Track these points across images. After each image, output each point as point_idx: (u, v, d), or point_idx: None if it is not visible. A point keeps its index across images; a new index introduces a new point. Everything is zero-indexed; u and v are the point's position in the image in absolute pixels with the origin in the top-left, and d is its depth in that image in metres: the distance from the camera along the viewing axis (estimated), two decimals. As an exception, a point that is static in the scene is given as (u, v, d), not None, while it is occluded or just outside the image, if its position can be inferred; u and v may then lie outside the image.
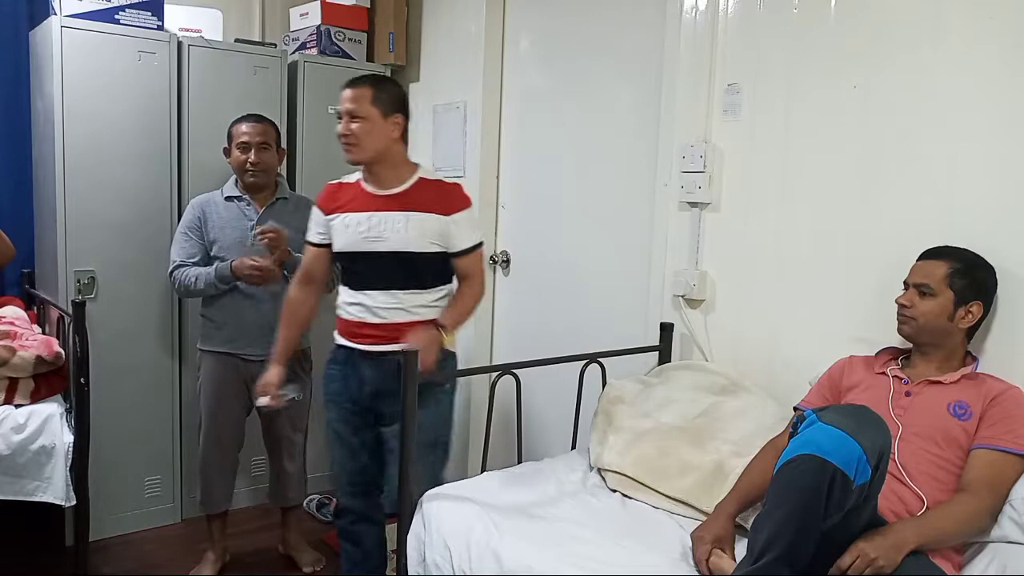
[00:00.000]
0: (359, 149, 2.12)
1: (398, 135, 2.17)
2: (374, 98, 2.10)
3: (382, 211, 2.15)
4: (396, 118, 2.15)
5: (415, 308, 2.17)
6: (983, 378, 1.76)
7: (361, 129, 2.10)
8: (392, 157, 2.17)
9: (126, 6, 2.85)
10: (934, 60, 1.97)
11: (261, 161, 2.64)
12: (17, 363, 2.39)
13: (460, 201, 2.19)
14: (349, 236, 2.17)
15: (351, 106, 2.11)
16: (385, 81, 2.26)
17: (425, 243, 2.14)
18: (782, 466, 1.47)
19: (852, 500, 1.40)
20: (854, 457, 1.38)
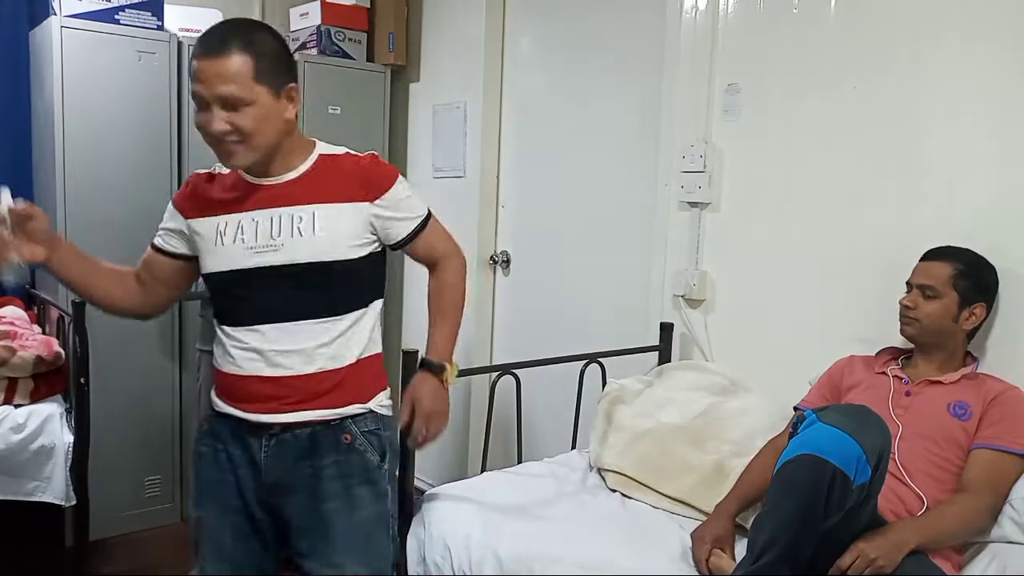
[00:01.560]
0: (248, 149, 1.45)
1: (295, 112, 1.50)
2: (257, 70, 1.41)
3: (273, 207, 1.50)
4: (290, 90, 1.48)
5: (324, 348, 1.50)
6: (983, 378, 1.76)
7: (249, 120, 1.41)
8: (289, 143, 1.52)
9: (126, 6, 2.85)
10: (934, 60, 1.97)
11: None
12: (17, 363, 2.39)
13: (384, 174, 1.56)
14: (227, 251, 1.51)
15: (225, 89, 1.39)
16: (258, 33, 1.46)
17: (344, 246, 1.50)
18: (782, 466, 1.47)
19: (852, 500, 1.41)
20: (853, 457, 1.38)
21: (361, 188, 1.53)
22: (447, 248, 1.67)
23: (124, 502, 3.01)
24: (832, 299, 2.17)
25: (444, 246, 1.66)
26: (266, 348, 1.49)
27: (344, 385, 1.52)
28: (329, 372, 1.50)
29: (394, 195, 1.55)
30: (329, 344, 1.51)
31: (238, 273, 1.51)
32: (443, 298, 1.66)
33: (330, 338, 1.51)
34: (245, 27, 1.47)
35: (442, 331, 1.63)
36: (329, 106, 3.35)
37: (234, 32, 1.43)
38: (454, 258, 1.68)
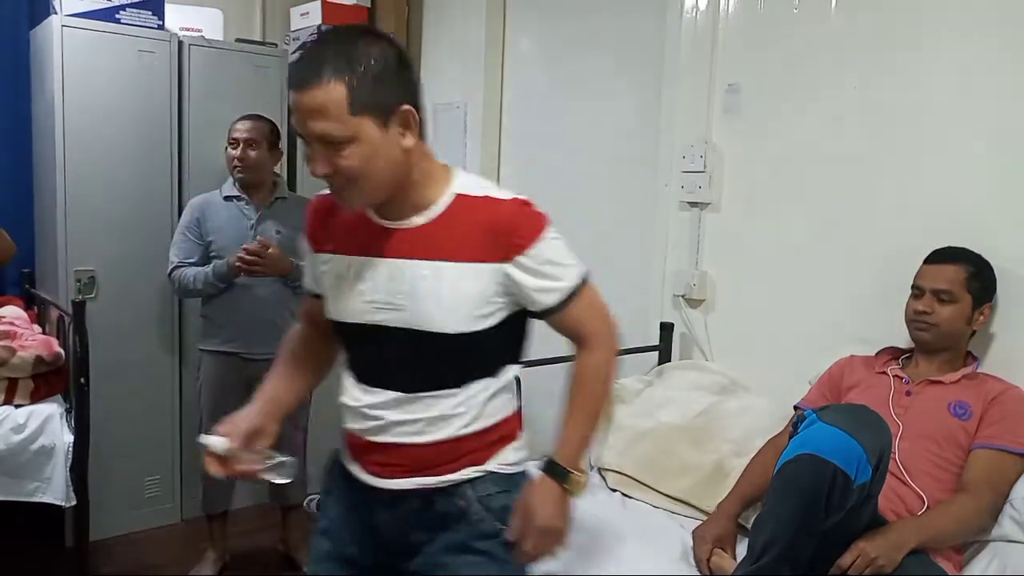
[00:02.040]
0: (359, 194, 1.22)
1: (412, 141, 1.21)
2: (353, 99, 1.14)
3: (398, 257, 1.26)
4: (403, 114, 1.19)
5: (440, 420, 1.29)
6: (983, 378, 1.77)
7: (353, 160, 1.17)
8: (416, 177, 1.25)
9: (127, 5, 2.85)
10: (934, 60, 1.97)
11: (247, 158, 2.62)
12: (17, 363, 2.39)
13: (527, 228, 1.25)
14: (347, 300, 1.31)
15: (318, 126, 1.15)
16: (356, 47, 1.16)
17: (469, 317, 1.25)
18: (782, 466, 1.47)
19: (852, 499, 1.41)
20: (854, 457, 1.38)
21: (496, 245, 1.23)
22: (597, 328, 1.32)
23: (124, 502, 3.01)
24: (832, 299, 2.17)
25: (594, 325, 1.31)
26: (378, 413, 1.31)
27: (460, 452, 1.30)
28: (444, 442, 1.29)
29: (537, 255, 1.24)
30: (447, 417, 1.28)
31: (356, 327, 1.30)
32: (582, 390, 1.32)
33: (449, 410, 1.28)
34: (339, 42, 1.17)
35: (574, 430, 1.32)
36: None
37: (326, 51, 1.15)
38: (604, 342, 1.32)
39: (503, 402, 1.33)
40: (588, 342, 1.32)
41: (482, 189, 1.28)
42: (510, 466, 1.34)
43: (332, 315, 1.34)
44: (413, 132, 1.20)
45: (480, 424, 1.30)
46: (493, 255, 1.24)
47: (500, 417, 1.33)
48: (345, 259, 1.31)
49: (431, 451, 1.29)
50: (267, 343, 2.66)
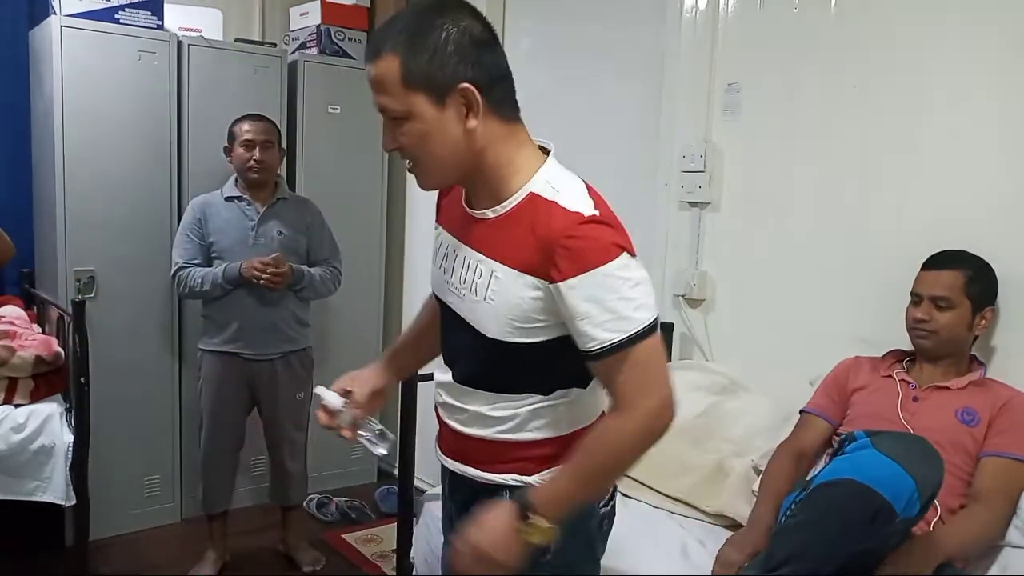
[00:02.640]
0: (422, 171, 1.20)
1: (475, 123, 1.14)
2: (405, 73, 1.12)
3: (469, 245, 1.24)
4: (461, 89, 1.12)
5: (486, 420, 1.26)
6: (991, 384, 1.77)
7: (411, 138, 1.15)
8: (482, 162, 1.18)
9: (126, 5, 2.85)
10: (934, 60, 1.97)
11: (266, 160, 2.63)
12: (17, 363, 2.39)
13: (579, 252, 1.10)
14: (436, 273, 1.33)
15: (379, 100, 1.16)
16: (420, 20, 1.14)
17: (510, 326, 1.18)
18: (826, 484, 1.43)
19: (891, 530, 1.39)
20: (906, 492, 1.34)
21: (544, 260, 1.12)
22: (635, 399, 1.13)
23: (124, 502, 3.01)
24: (832, 299, 2.17)
25: (633, 394, 1.12)
26: (439, 390, 1.33)
27: (505, 456, 1.26)
28: (483, 440, 1.26)
29: (582, 289, 1.09)
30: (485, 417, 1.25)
31: (440, 301, 1.32)
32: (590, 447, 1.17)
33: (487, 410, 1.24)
34: (413, 15, 1.14)
35: (564, 479, 1.18)
36: (329, 106, 3.35)
37: (395, 24, 1.14)
38: (637, 416, 1.13)
39: (554, 421, 1.24)
40: (621, 407, 1.15)
41: (555, 192, 1.17)
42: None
43: (432, 286, 1.35)
44: (476, 112, 1.13)
45: (523, 435, 1.23)
46: (541, 270, 1.13)
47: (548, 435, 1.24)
48: (443, 235, 1.31)
49: (473, 444, 1.28)
50: (268, 344, 2.68)
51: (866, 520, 1.35)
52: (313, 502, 3.27)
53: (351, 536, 3.09)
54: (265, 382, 2.70)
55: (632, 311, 1.10)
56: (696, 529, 1.88)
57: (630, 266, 1.12)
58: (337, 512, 3.25)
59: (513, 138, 1.20)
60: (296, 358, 2.75)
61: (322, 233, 2.80)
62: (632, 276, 1.11)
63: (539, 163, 1.22)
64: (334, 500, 3.29)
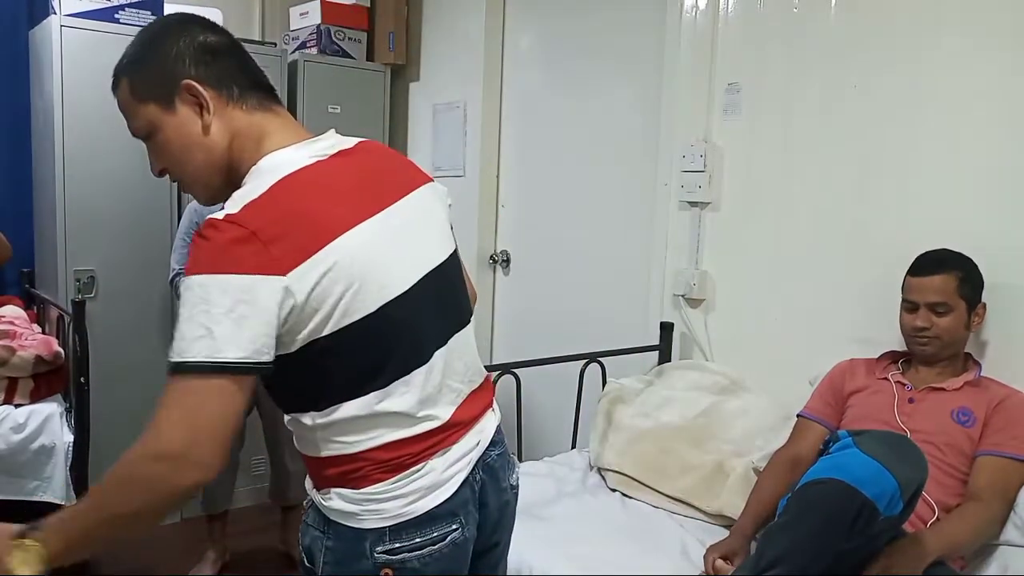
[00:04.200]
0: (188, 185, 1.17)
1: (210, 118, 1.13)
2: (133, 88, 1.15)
3: None
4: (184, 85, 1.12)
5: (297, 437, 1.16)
6: (986, 383, 1.77)
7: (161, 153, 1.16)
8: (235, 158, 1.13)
9: (126, 5, 2.85)
10: (934, 60, 1.97)
11: None
12: (17, 363, 2.39)
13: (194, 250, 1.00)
14: None
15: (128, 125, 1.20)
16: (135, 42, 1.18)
17: None
18: (810, 483, 1.44)
19: (875, 530, 1.39)
20: (888, 491, 1.35)
21: None
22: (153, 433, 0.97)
23: (124, 502, 3.01)
24: (832, 299, 2.17)
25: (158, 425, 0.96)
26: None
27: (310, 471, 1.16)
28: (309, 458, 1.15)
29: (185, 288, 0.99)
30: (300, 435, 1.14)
31: None
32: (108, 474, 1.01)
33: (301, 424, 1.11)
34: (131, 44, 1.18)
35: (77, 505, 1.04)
36: (329, 105, 3.35)
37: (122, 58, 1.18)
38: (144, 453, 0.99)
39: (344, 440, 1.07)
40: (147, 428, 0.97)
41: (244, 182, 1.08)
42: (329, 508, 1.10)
43: None
44: (207, 105, 1.10)
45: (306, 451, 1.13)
46: None
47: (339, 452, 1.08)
48: None
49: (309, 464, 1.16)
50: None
51: (849, 519, 1.36)
52: (313, 502, 3.27)
53: (351, 536, 3.08)
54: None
55: (190, 333, 0.94)
56: (696, 529, 1.89)
57: (228, 289, 0.94)
58: (337, 512, 3.25)
59: (257, 128, 1.13)
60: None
61: None
62: (220, 301, 0.93)
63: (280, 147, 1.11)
64: (334, 500, 3.28)
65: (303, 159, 1.09)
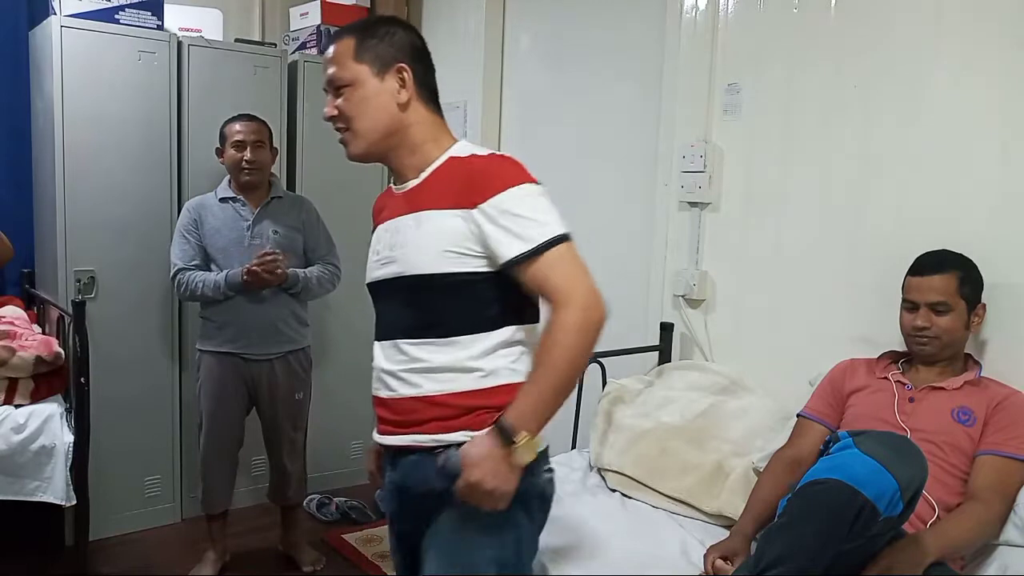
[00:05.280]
0: (354, 133, 1.40)
1: (406, 97, 1.37)
2: (357, 47, 1.37)
3: (397, 215, 1.41)
4: (398, 66, 1.37)
5: (432, 373, 1.34)
6: (986, 383, 1.77)
7: (348, 102, 1.38)
8: (406, 137, 1.39)
9: (126, 6, 2.85)
10: (934, 60, 1.97)
11: (257, 159, 2.63)
12: (17, 363, 2.39)
13: (493, 176, 1.31)
14: (369, 264, 1.50)
15: (329, 72, 1.40)
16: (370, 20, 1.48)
17: (440, 256, 1.32)
18: (809, 484, 1.44)
19: (875, 530, 1.38)
20: (888, 491, 1.35)
21: (466, 194, 1.31)
22: (564, 286, 1.26)
23: (124, 502, 3.01)
24: (832, 299, 2.17)
25: (561, 283, 1.26)
26: (379, 366, 1.42)
27: (450, 412, 1.32)
28: (432, 397, 1.33)
29: (500, 205, 1.28)
30: (434, 370, 1.33)
31: (370, 286, 1.48)
32: (542, 351, 1.27)
33: (435, 362, 1.33)
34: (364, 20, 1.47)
35: (528, 391, 1.27)
36: (329, 106, 3.35)
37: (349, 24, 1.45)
38: (572, 302, 1.25)
39: (505, 365, 1.34)
40: (555, 301, 1.27)
41: (471, 151, 1.39)
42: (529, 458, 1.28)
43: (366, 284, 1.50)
44: (408, 89, 1.38)
45: (473, 383, 1.32)
46: (464, 201, 1.31)
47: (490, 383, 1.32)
48: (378, 231, 1.48)
49: (417, 407, 1.34)
50: (267, 344, 2.68)
51: (848, 519, 1.35)
52: (313, 502, 3.27)
53: (351, 536, 3.08)
54: (264, 382, 2.70)
55: (547, 221, 1.30)
56: (696, 529, 1.89)
57: (534, 192, 1.33)
58: (337, 512, 3.25)
59: (436, 124, 1.42)
60: (295, 358, 2.75)
61: (318, 230, 2.80)
62: (537, 200, 1.32)
63: (451, 140, 1.42)
64: (334, 500, 3.29)
65: None
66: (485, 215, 1.29)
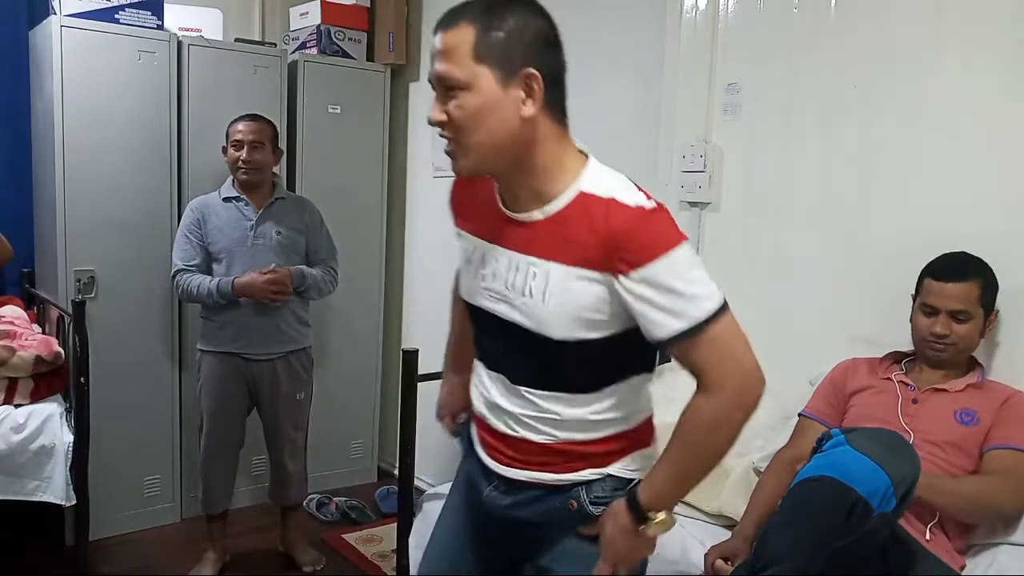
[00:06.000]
0: (464, 148, 1.18)
1: (532, 111, 1.15)
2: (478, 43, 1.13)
3: (514, 250, 1.23)
4: (527, 73, 1.14)
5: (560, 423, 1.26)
6: (989, 385, 1.77)
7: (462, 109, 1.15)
8: (527, 156, 1.19)
9: (126, 5, 2.85)
10: (934, 60, 1.97)
11: (253, 160, 2.63)
12: (17, 363, 2.39)
13: (647, 242, 1.14)
14: (470, 279, 1.32)
15: (441, 65, 1.16)
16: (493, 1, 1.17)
17: (575, 324, 1.18)
18: (803, 482, 1.43)
19: (869, 526, 1.38)
20: (880, 488, 1.35)
21: (607, 255, 1.14)
22: (716, 373, 1.15)
23: (124, 502, 3.01)
24: (832, 299, 2.17)
25: (713, 369, 1.15)
26: (495, 401, 1.31)
27: (574, 456, 1.27)
28: (560, 445, 1.27)
29: (649, 279, 1.12)
30: (563, 422, 1.25)
31: (475, 308, 1.32)
32: (680, 432, 1.20)
33: (565, 415, 1.25)
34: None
35: (668, 470, 1.21)
36: (329, 106, 3.36)
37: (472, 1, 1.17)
38: (721, 391, 1.14)
39: (631, 410, 1.30)
40: (703, 385, 1.16)
41: (608, 190, 1.18)
42: (633, 471, 1.29)
43: (461, 292, 1.36)
44: (536, 101, 1.15)
45: (599, 434, 1.26)
46: (604, 264, 1.14)
47: (619, 429, 1.28)
48: (474, 241, 1.31)
49: (538, 448, 1.27)
50: (268, 344, 2.68)
51: (842, 516, 1.35)
52: (313, 502, 3.27)
53: (351, 536, 3.09)
54: (265, 382, 2.70)
55: (698, 293, 1.15)
56: (696, 529, 1.88)
57: (687, 257, 1.16)
58: (337, 512, 3.26)
59: (562, 140, 1.21)
60: (296, 358, 2.75)
61: (320, 233, 2.80)
62: (692, 267, 1.17)
63: (581, 163, 1.23)
64: (334, 500, 3.29)
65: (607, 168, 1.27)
66: (633, 286, 1.13)
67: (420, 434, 2.07)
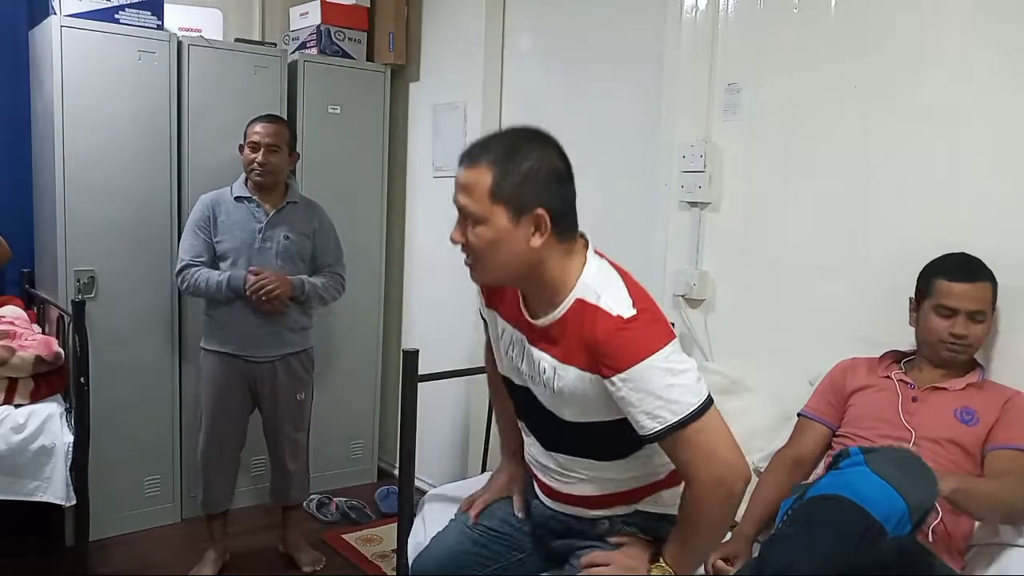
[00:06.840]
0: (480, 267, 1.38)
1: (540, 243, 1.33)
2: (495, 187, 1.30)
3: (531, 345, 1.43)
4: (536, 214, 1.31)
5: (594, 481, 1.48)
6: (989, 385, 1.77)
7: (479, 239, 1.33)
8: (536, 273, 1.36)
9: (126, 5, 2.85)
10: (934, 60, 1.97)
11: (268, 163, 2.62)
12: (16, 363, 2.39)
13: (620, 353, 1.28)
14: (502, 356, 1.53)
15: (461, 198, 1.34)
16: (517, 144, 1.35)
17: (587, 412, 1.40)
18: (817, 499, 1.40)
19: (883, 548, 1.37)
20: (896, 513, 1.32)
21: (593, 360, 1.32)
22: (695, 469, 1.29)
23: (124, 502, 3.01)
24: (832, 299, 2.17)
25: (694, 468, 1.29)
26: (537, 458, 1.55)
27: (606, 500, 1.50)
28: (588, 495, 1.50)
29: (629, 382, 1.27)
30: (596, 479, 1.48)
31: (510, 383, 1.54)
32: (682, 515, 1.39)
33: (596, 475, 1.47)
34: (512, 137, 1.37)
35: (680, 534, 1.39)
36: (329, 106, 3.36)
37: (498, 142, 1.35)
38: (702, 489, 1.29)
39: (652, 468, 1.46)
40: (684, 477, 1.33)
41: (598, 296, 1.33)
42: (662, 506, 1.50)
43: (497, 366, 1.58)
44: (543, 234, 1.32)
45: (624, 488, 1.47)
46: (593, 367, 1.32)
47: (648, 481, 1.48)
48: (501, 323, 1.51)
49: (576, 499, 1.50)
50: (269, 345, 2.68)
51: (855, 538, 1.32)
52: (313, 502, 3.27)
53: (351, 536, 3.09)
54: (266, 383, 2.70)
55: (679, 398, 1.27)
56: (696, 529, 1.88)
57: (671, 357, 1.29)
58: (337, 512, 3.26)
59: (567, 253, 1.38)
60: (297, 359, 2.75)
61: (328, 238, 2.80)
62: (674, 366, 1.28)
63: (579, 269, 1.38)
64: (334, 500, 3.29)
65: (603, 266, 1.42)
66: (615, 390, 1.29)
67: (420, 434, 2.07)
